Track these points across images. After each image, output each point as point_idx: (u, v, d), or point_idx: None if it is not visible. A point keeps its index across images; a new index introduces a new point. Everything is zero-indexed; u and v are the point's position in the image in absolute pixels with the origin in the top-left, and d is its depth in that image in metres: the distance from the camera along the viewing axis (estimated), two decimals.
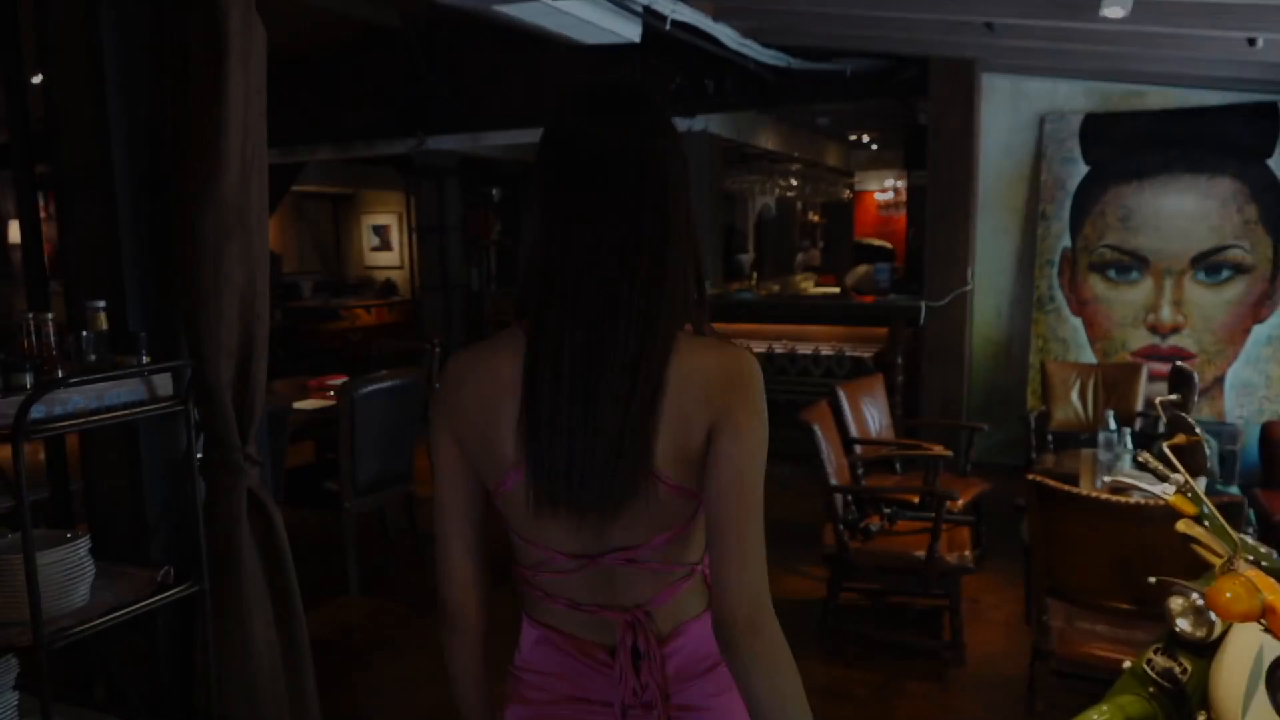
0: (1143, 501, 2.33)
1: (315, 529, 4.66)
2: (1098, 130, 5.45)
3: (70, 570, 1.67)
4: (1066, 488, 2.49)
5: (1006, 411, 5.74)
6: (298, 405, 4.21)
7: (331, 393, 4.44)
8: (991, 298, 5.90)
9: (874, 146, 10.55)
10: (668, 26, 4.57)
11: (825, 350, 6.20)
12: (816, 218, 14.50)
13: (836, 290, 9.95)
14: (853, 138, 9.06)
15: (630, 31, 4.54)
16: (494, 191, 8.86)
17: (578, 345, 0.96)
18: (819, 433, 3.40)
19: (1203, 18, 3.87)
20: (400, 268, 12.28)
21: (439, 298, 7.88)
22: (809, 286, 10.62)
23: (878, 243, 13.33)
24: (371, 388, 3.93)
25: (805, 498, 5.26)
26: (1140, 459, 2.10)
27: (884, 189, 15.34)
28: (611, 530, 1.01)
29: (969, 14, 4.31)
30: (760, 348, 6.35)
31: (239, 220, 2.02)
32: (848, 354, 6.13)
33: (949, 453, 3.82)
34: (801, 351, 6.26)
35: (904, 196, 15.42)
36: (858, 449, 4.08)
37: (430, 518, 1.11)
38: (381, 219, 13.02)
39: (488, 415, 1.01)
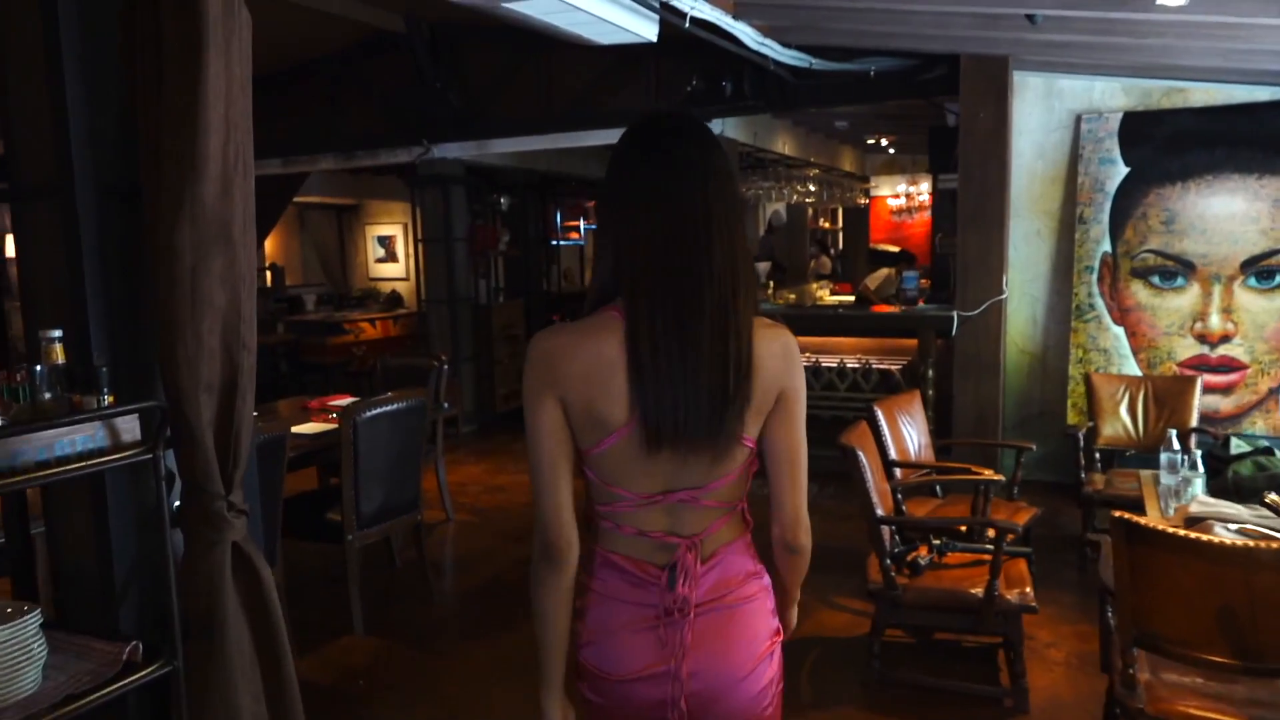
0: (1254, 544, 2.05)
1: (316, 562, 4.39)
2: (1138, 129, 5.17)
3: (15, 653, 1.40)
4: (1160, 526, 2.21)
5: (1043, 427, 5.46)
6: (297, 429, 3.94)
7: (334, 415, 4.17)
8: (1025, 306, 5.62)
9: (891, 151, 10.27)
10: (687, 25, 4.31)
11: (851, 363, 5.92)
12: (828, 224, 14.24)
13: (853, 299, 9.69)
14: (870, 141, 8.78)
15: (647, 30, 4.28)
16: (501, 201, 8.59)
17: (669, 322, 1.19)
18: (863, 459, 3.12)
19: (1264, 4, 3.59)
20: (406, 279, 12.03)
21: (445, 310, 7.62)
22: (825, 295, 10.36)
23: (893, 248, 13.08)
24: (375, 411, 3.66)
25: (835, 520, 4.98)
26: (1269, 501, 1.82)
27: (896, 194, 15.10)
28: (684, 474, 1.27)
29: (1010, 5, 4.04)
30: None
31: (221, 233, 1.75)
32: (874, 367, 5.85)
33: (1000, 478, 3.53)
34: (826, 364, 5.98)
35: (917, 201, 15.21)
36: (898, 473, 3.80)
37: (439, 545, 1.24)
38: (386, 230, 12.80)
39: (595, 386, 1.22)
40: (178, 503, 1.77)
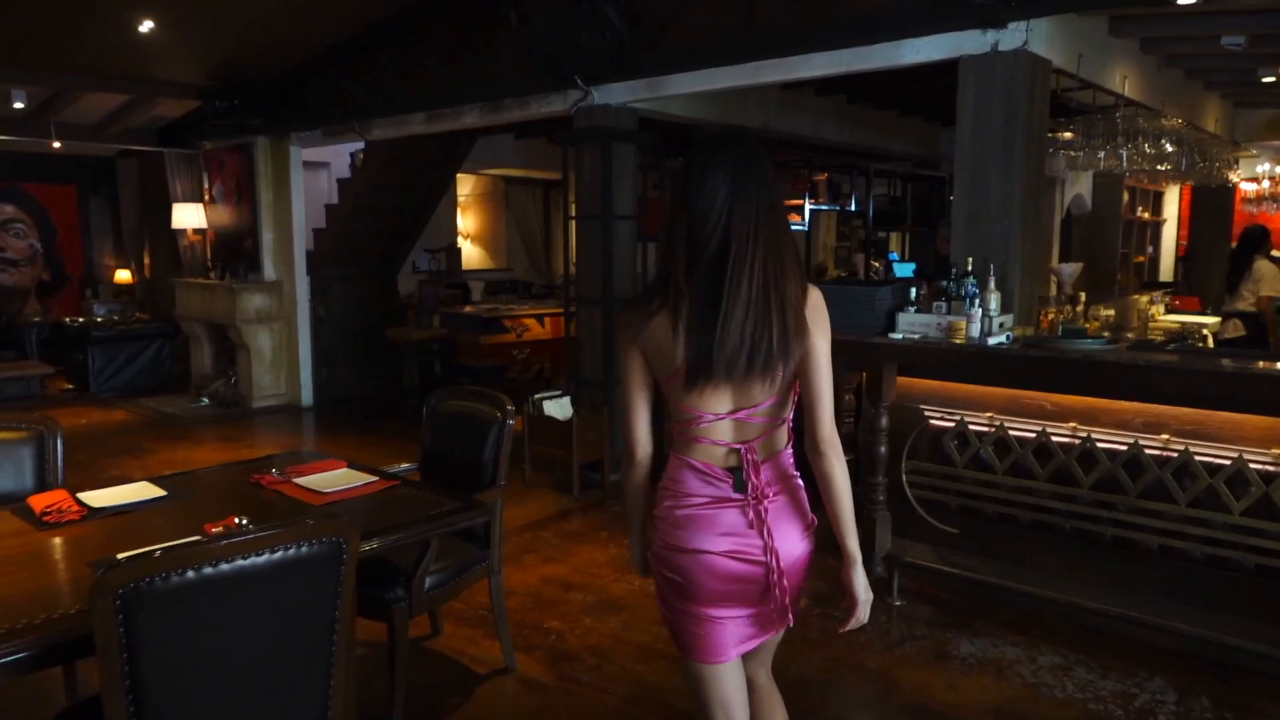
0: None
1: None
2: None
3: None
4: None
5: None
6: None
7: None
8: None
9: None
10: None
11: (1257, 460, 3.14)
12: (1147, 214, 10.63)
13: (1212, 320, 6.51)
14: (1267, 80, 5.59)
15: None
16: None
17: (701, 304, 1.70)
18: None
19: None
20: None
21: (598, 313, 5.58)
22: (1158, 313, 7.19)
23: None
24: (187, 577, 1.64)
25: None
26: None
27: (1253, 177, 11.10)
28: (744, 398, 1.74)
29: None
30: (1115, 440, 3.41)
31: None
32: None
33: None
34: (1201, 455, 3.24)
35: None
36: None
37: None
38: None
39: (667, 340, 1.73)
40: None
